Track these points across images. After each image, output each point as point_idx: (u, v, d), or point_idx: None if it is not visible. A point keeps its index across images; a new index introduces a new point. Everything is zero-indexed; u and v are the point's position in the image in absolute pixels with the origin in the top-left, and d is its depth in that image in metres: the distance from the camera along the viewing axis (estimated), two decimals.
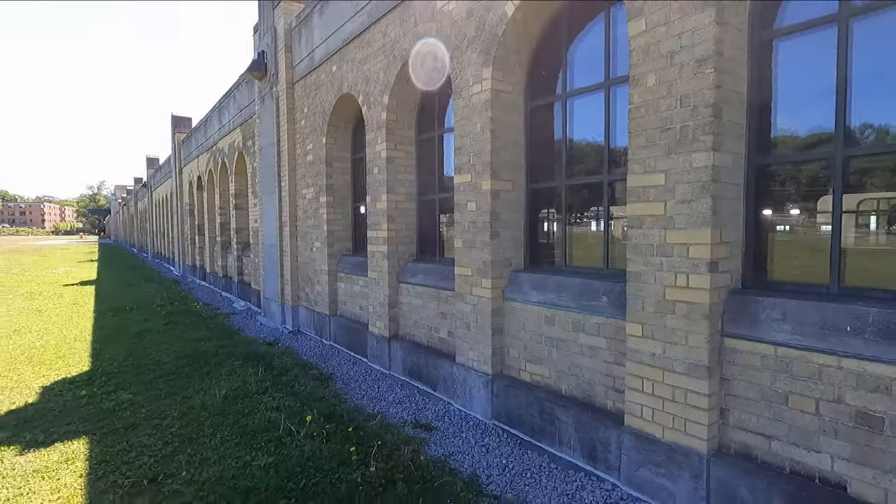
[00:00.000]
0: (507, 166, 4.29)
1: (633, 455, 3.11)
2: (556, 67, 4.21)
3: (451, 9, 4.58)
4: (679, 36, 2.80)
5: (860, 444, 2.32)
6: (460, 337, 4.60)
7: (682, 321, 2.84)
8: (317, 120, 7.38)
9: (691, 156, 2.77)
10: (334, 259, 7.30)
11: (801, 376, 2.49)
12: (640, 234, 3.02)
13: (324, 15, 7.02)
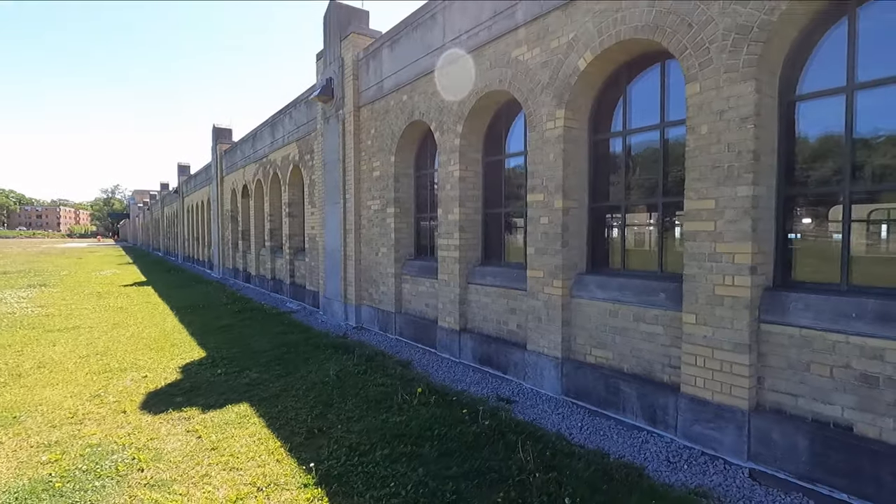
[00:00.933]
0: (574, 188, 5.27)
1: (688, 415, 4.06)
2: (614, 108, 5.20)
3: (526, 58, 5.59)
4: (727, 98, 3.78)
5: (862, 397, 3.26)
6: (532, 328, 5.57)
7: (729, 311, 3.80)
8: (385, 141, 8.42)
9: (736, 188, 3.74)
10: (400, 263, 8.31)
11: (819, 350, 3.44)
12: (695, 245, 3.99)
13: (395, 50, 8.07)
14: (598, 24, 4.74)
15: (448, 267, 6.93)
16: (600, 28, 4.73)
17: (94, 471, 3.45)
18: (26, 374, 5.83)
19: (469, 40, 6.38)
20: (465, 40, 6.47)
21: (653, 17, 4.27)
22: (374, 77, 8.67)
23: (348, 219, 9.42)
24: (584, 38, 4.90)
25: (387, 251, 8.49)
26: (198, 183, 25.87)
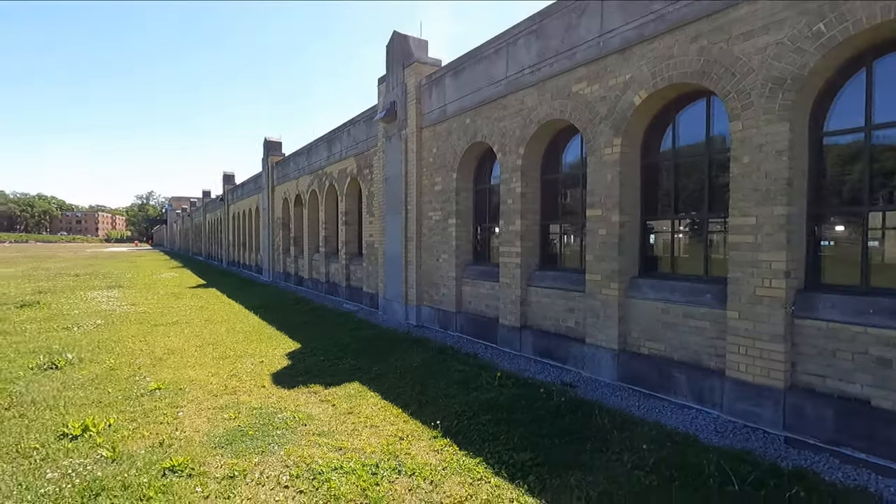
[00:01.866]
0: (628, 204, 6.17)
1: (732, 395, 4.90)
2: (663, 135, 6.09)
3: (585, 93, 6.53)
4: (766, 135, 4.65)
5: (879, 376, 4.07)
6: (590, 325, 6.47)
7: (767, 308, 4.64)
8: (447, 158, 9.45)
9: (773, 207, 4.59)
10: (460, 268, 9.30)
11: (843, 339, 4.26)
12: (738, 254, 4.85)
13: (458, 79, 9.10)
14: (652, 68, 5.66)
15: (509, 271, 7.88)
16: (654, 71, 5.64)
17: (269, 425, 4.51)
18: (163, 358, 7.00)
19: (531, 75, 7.35)
20: (527, 74, 7.44)
21: (701, 65, 5.17)
22: (437, 102, 9.72)
23: (410, 228, 10.47)
24: (639, 79, 5.82)
25: (448, 257, 9.49)
26: (245, 191, 27.46)
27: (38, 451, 3.89)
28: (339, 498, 3.24)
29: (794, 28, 4.44)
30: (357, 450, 3.99)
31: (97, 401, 5.12)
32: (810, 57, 4.34)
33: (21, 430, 4.29)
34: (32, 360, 6.68)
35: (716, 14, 5.02)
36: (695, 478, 3.56)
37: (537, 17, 7.21)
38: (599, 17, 6.26)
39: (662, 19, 5.53)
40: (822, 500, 3.28)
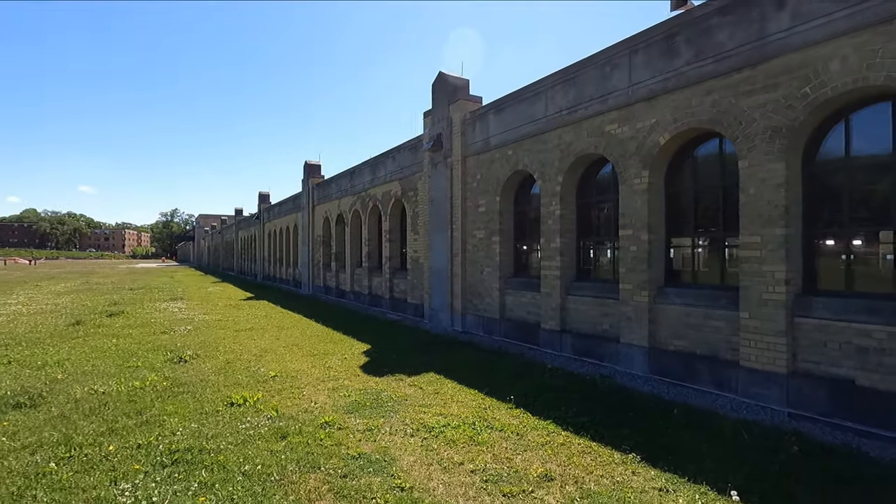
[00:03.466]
0: (655, 225, 7.40)
1: (745, 381, 6.04)
2: (682, 167, 7.34)
3: (616, 131, 7.83)
4: (767, 171, 5.87)
5: (860, 360, 5.19)
6: (624, 327, 7.65)
7: (771, 310, 5.81)
8: (490, 184, 10.79)
9: (774, 229, 5.79)
10: (503, 280, 10.56)
11: (832, 333, 5.40)
12: (748, 266, 6.04)
13: (500, 116, 10.49)
14: (674, 114, 6.94)
15: (550, 282, 9.12)
16: (675, 117, 6.93)
17: (378, 400, 5.79)
18: (262, 355, 8.36)
19: (568, 115, 8.69)
20: (565, 115, 8.78)
21: (714, 114, 6.44)
22: (481, 134, 11.11)
23: (455, 245, 11.80)
24: (663, 123, 7.10)
25: (491, 270, 10.77)
26: (283, 210, 29.21)
27: (219, 413, 5.23)
28: (455, 441, 4.49)
29: (786, 90, 5.70)
30: (454, 415, 5.24)
31: (236, 383, 6.47)
32: (800, 112, 5.59)
33: (196, 400, 5.65)
34: (161, 355, 8.11)
35: (725, 75, 6.31)
36: (716, 435, 4.74)
37: (572, 69, 8.58)
38: (628, 71, 7.59)
39: (682, 76, 6.83)
40: (811, 451, 4.42)
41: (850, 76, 5.20)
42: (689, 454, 4.17)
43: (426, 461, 4.09)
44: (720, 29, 6.37)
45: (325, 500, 3.41)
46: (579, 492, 3.56)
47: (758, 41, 5.97)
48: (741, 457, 4.18)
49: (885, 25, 4.94)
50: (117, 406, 5.42)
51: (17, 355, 8.10)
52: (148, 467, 3.87)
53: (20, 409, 5.37)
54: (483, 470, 3.93)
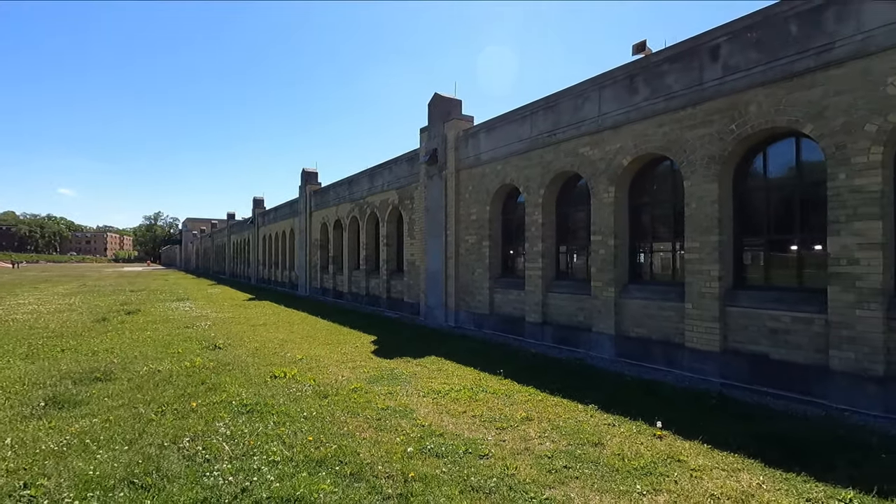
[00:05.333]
0: (620, 232, 8.84)
1: (689, 359, 7.49)
2: (644, 183, 8.80)
3: (588, 153, 9.27)
4: (705, 190, 7.34)
5: (772, 339, 6.66)
6: (595, 318, 9.07)
7: (708, 301, 7.26)
8: (481, 195, 12.18)
9: (710, 237, 7.26)
10: (492, 280, 11.93)
11: (752, 318, 6.86)
12: (690, 265, 7.50)
13: (490, 135, 11.89)
14: (634, 140, 8.41)
15: (534, 281, 10.52)
16: (636, 143, 8.39)
17: (392, 375, 7.09)
18: (283, 344, 9.58)
19: (549, 137, 10.12)
20: (546, 137, 10.22)
21: (665, 143, 7.92)
22: (472, 150, 12.51)
23: (449, 249, 13.15)
24: (626, 147, 8.56)
25: (482, 271, 12.14)
26: (279, 215, 30.27)
27: (267, 383, 6.48)
28: (458, 399, 5.82)
29: (719, 126, 7.19)
30: (456, 384, 6.57)
31: (271, 363, 7.72)
32: (727, 144, 7.08)
33: (245, 375, 6.89)
34: (196, 344, 9.29)
35: (673, 111, 7.79)
36: (658, 395, 6.14)
37: (552, 98, 10.03)
38: (598, 104, 9.06)
39: (640, 110, 8.30)
40: (735, 407, 5.83)
41: (764, 118, 6.70)
42: (634, 406, 5.54)
43: (437, 411, 5.42)
44: (670, 74, 7.86)
45: (369, 432, 4.71)
46: (551, 426, 4.92)
47: (698, 86, 7.46)
48: (672, 407, 5.59)
49: (787, 81, 6.44)
50: (181, 378, 6.65)
51: (67, 345, 9.21)
52: (230, 415, 5.12)
53: (100, 381, 6.55)
54: (481, 416, 5.26)
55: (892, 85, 5.56)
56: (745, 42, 6.92)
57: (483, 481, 3.64)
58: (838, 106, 5.97)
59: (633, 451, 4.25)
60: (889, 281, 5.71)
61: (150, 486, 3.48)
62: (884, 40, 5.62)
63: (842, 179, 5.93)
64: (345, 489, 3.49)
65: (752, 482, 3.68)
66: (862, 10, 5.80)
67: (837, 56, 5.97)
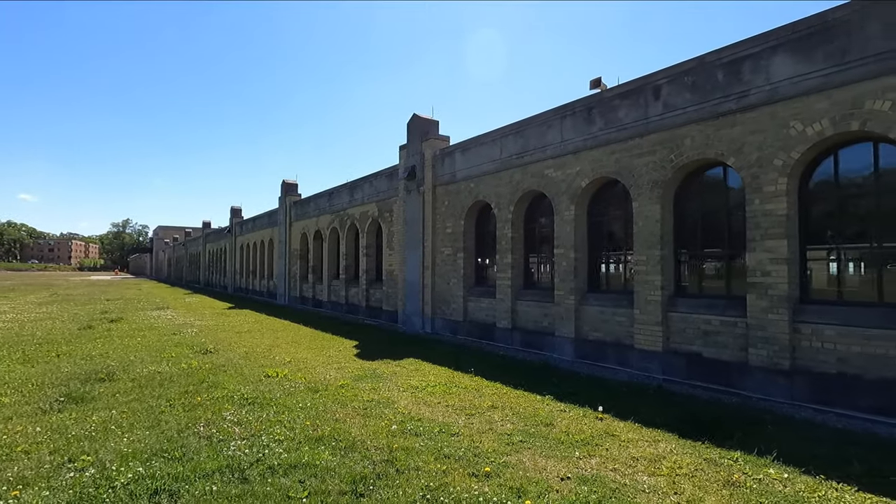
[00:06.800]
0: (580, 246, 9.88)
1: (637, 358, 8.51)
2: (601, 202, 9.88)
3: (553, 175, 10.32)
4: (650, 210, 8.43)
5: (705, 338, 7.73)
6: (557, 324, 10.05)
7: (652, 307, 8.32)
8: (456, 210, 13.12)
9: (654, 250, 8.34)
10: (466, 289, 12.84)
11: (689, 322, 7.93)
12: (638, 276, 8.55)
13: (464, 155, 12.87)
14: (592, 165, 9.48)
15: (504, 290, 11.47)
16: (592, 168, 9.47)
17: (374, 374, 7.87)
18: (271, 349, 10.23)
19: (517, 159, 11.15)
20: (515, 158, 11.24)
21: (617, 168, 9.00)
22: (448, 168, 13.46)
23: (426, 260, 14.02)
24: (584, 171, 9.63)
25: (457, 281, 13.04)
26: (257, 225, 30.61)
27: (262, 381, 7.19)
28: (433, 393, 6.66)
29: (661, 155, 8.31)
30: (431, 381, 7.40)
31: (262, 365, 8.40)
32: (667, 171, 8.19)
33: (241, 374, 7.57)
34: (187, 349, 9.87)
35: (623, 141, 8.89)
36: (606, 389, 7.11)
37: (522, 124, 11.08)
38: (560, 131, 10.13)
39: (596, 138, 9.39)
40: (669, 397, 6.83)
41: (697, 150, 7.83)
42: (584, 397, 6.48)
43: (416, 402, 6.24)
44: (620, 108, 8.98)
45: (357, 418, 5.51)
46: (512, 412, 5.81)
47: (644, 120, 8.58)
48: (616, 397, 6.56)
49: (715, 120, 7.59)
50: (181, 378, 7.29)
51: (61, 350, 9.66)
52: (234, 407, 5.84)
53: (104, 381, 7.14)
54: (453, 405, 6.11)
55: (793, 127, 6.74)
56: (682, 84, 8.08)
57: (453, 451, 4.50)
58: (753, 143, 7.13)
59: (577, 429, 5.17)
60: (794, 290, 6.85)
61: (179, 458, 4.20)
62: (787, 90, 6.81)
63: (756, 204, 7.07)
64: (341, 457, 4.28)
65: (667, 448, 4.64)
66: (771, 65, 6.99)
67: (752, 101, 7.14)
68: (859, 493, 3.72)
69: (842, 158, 6.76)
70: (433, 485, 3.79)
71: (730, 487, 3.82)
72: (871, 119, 6.05)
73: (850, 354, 6.22)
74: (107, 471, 3.95)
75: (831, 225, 6.92)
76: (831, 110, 6.40)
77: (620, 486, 3.84)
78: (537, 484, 3.84)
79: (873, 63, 6.06)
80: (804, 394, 6.53)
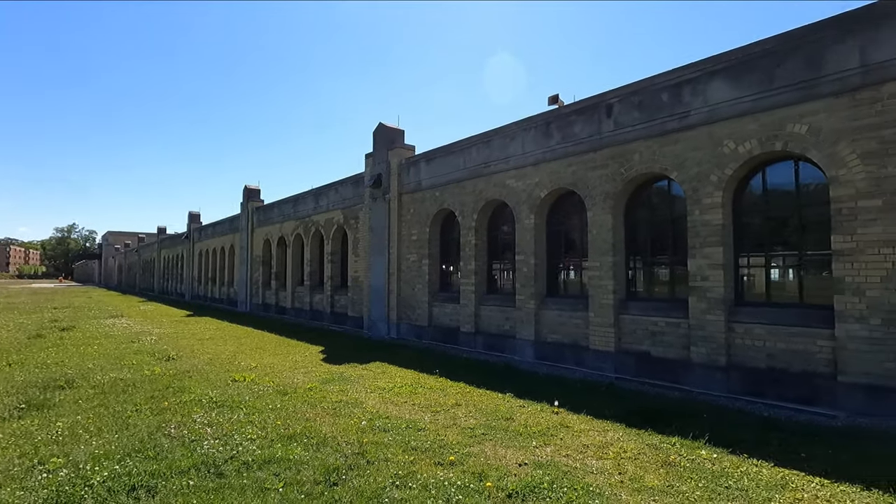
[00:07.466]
0: (539, 252, 10.40)
1: (592, 358, 9.06)
2: (559, 211, 10.45)
3: (514, 185, 10.82)
4: (602, 220, 9.03)
5: (653, 339, 8.35)
6: (518, 327, 10.52)
7: (606, 310, 8.89)
8: (421, 217, 13.46)
9: (607, 257, 8.93)
10: (431, 294, 13.16)
11: (639, 323, 8.54)
12: (592, 281, 9.13)
13: (430, 165, 13.25)
14: (550, 177, 10.04)
15: (467, 296, 11.87)
16: (551, 179, 10.03)
17: (342, 377, 8.05)
18: (235, 355, 10.20)
19: (481, 169, 11.62)
20: (478, 168, 11.70)
21: (573, 180, 9.59)
22: (414, 177, 13.80)
23: (392, 266, 14.27)
24: (543, 182, 10.18)
25: (421, 287, 13.35)
26: (217, 231, 29.94)
27: (229, 385, 7.25)
28: (400, 394, 6.93)
29: (613, 169, 8.94)
30: (398, 382, 7.67)
31: (228, 370, 8.42)
32: (619, 184, 8.83)
33: (207, 380, 7.59)
34: (148, 357, 9.72)
35: (579, 154, 9.49)
36: (562, 386, 7.58)
37: (486, 136, 11.57)
38: (522, 144, 10.67)
39: (554, 151, 9.97)
40: (619, 393, 7.35)
41: (644, 165, 8.49)
42: (542, 394, 6.91)
43: (383, 402, 6.50)
44: (576, 123, 9.59)
45: (327, 417, 5.72)
46: (475, 408, 6.17)
47: (597, 135, 9.21)
48: (572, 394, 7.03)
49: (660, 138, 8.27)
50: (145, 384, 7.26)
51: (13, 360, 9.34)
52: (203, 410, 5.92)
53: (64, 389, 7.03)
54: (419, 404, 6.41)
55: (727, 146, 7.46)
56: (631, 104, 8.74)
57: (420, 444, 4.80)
58: (693, 159, 7.83)
59: (534, 422, 5.58)
60: (730, 293, 7.55)
61: (153, 457, 4.31)
62: (723, 112, 7.54)
63: (696, 215, 7.76)
64: (314, 452, 4.51)
65: (614, 436, 5.10)
66: (708, 89, 7.72)
67: (692, 122, 7.85)
68: (774, 468, 4.26)
69: (769, 175, 7.54)
70: (402, 473, 4.08)
71: (667, 467, 4.29)
72: (792, 140, 6.81)
73: (776, 350, 6.93)
74: (81, 471, 4.03)
75: (761, 234, 7.67)
76: (759, 131, 7.15)
77: (571, 469, 4.25)
78: (497, 469, 4.19)
79: (794, 91, 6.83)
80: (738, 387, 7.20)
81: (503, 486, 3.86)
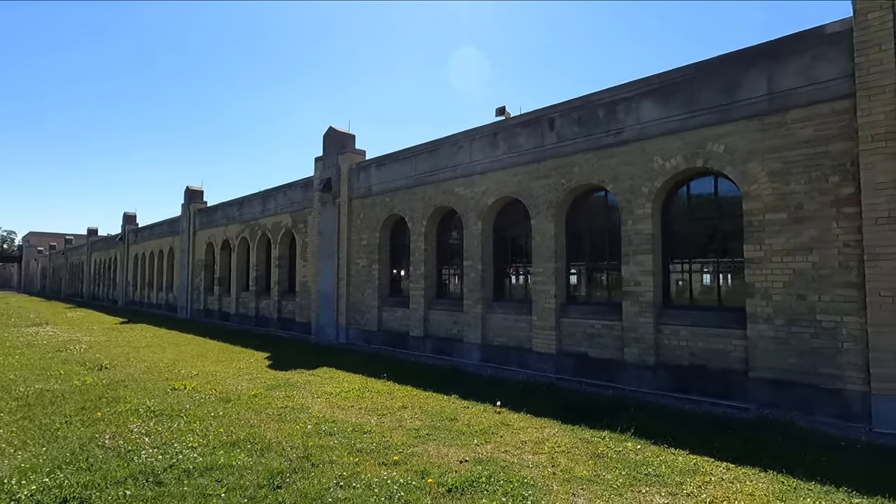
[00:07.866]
0: (487, 258, 10.74)
1: (535, 360, 9.46)
2: (505, 218, 10.84)
3: (462, 193, 11.12)
4: (545, 227, 9.48)
5: (590, 342, 8.84)
6: (466, 331, 10.79)
7: (548, 314, 9.33)
8: (371, 222, 13.51)
9: (549, 263, 9.38)
10: (381, 299, 13.22)
11: (577, 326, 9.02)
12: (536, 285, 9.54)
13: (380, 170, 13.34)
14: (497, 185, 10.41)
15: (417, 300, 12.03)
16: (497, 187, 10.40)
17: (289, 383, 7.98)
18: (175, 363, 9.84)
19: (431, 176, 11.85)
20: (428, 175, 11.93)
21: (518, 189, 10.00)
22: (364, 182, 13.83)
23: (341, 271, 14.20)
24: (490, 190, 10.54)
25: (371, 292, 13.39)
26: (155, 233, 28.48)
27: (168, 394, 7.02)
28: (347, 398, 6.99)
29: (554, 179, 9.41)
30: (345, 387, 7.71)
31: (167, 378, 8.13)
32: (560, 194, 9.31)
33: (144, 389, 7.30)
34: (78, 366, 9.19)
35: (524, 164, 9.91)
36: (505, 387, 7.90)
37: (434, 144, 11.82)
38: (469, 152, 10.99)
39: (501, 161, 10.35)
40: (558, 392, 7.74)
41: (583, 177, 9.01)
42: (486, 395, 7.18)
43: (330, 407, 6.55)
44: (521, 135, 10.02)
45: (272, 423, 5.70)
46: (421, 411, 6.34)
47: (540, 147, 9.66)
48: (514, 394, 7.34)
49: (597, 151, 8.81)
50: (75, 395, 6.91)
51: None
52: (140, 419, 5.74)
53: None
54: (366, 408, 6.51)
55: (656, 161, 8.07)
56: (571, 119, 9.26)
57: (365, 446, 4.91)
58: (627, 173, 8.40)
59: (477, 422, 5.82)
60: (659, 297, 8.14)
61: (87, 468, 4.18)
62: (653, 130, 8.15)
63: (629, 224, 8.33)
64: (258, 457, 4.52)
65: (551, 432, 5.43)
66: (640, 108, 8.32)
67: (625, 138, 8.43)
68: (689, 455, 4.71)
69: (693, 188, 8.22)
70: (346, 474, 4.18)
71: (595, 458, 4.64)
72: (711, 158, 7.49)
73: (698, 350, 7.56)
74: (5, 485, 3.85)
75: (686, 242, 8.34)
76: (684, 149, 7.80)
77: (509, 463, 4.51)
78: (439, 467, 4.38)
79: (713, 113, 7.51)
80: (666, 384, 7.78)
81: (444, 481, 4.05)
